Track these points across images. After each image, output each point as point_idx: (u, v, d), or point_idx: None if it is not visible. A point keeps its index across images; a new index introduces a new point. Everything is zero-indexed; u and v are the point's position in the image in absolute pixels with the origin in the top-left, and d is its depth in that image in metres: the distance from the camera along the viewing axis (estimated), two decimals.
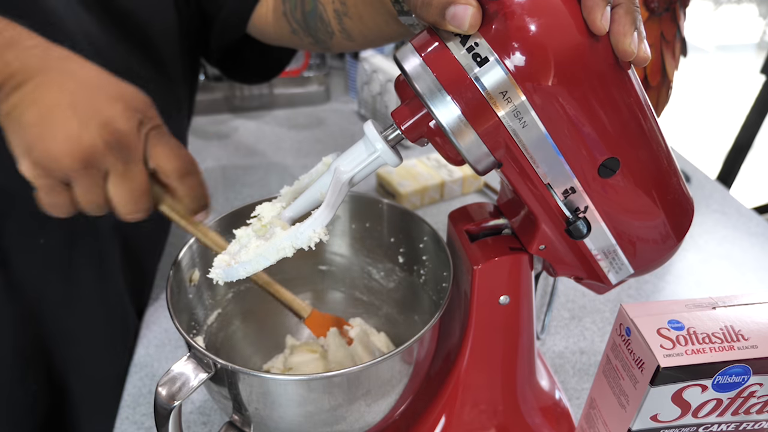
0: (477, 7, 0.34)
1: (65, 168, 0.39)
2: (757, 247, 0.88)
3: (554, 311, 0.76)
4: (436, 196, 0.97)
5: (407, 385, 0.50)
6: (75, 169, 0.40)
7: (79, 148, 0.39)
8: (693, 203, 0.45)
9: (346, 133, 1.19)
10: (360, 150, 0.41)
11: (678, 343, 0.38)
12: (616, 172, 0.40)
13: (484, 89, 0.36)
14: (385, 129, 0.41)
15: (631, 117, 0.39)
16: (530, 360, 0.55)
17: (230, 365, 0.43)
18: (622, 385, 0.42)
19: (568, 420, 0.60)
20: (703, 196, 1.00)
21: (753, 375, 0.38)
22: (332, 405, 0.46)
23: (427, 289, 0.59)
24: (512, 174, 0.41)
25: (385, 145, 0.40)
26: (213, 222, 0.57)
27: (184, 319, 0.53)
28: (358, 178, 0.42)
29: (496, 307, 0.49)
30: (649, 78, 0.63)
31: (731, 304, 0.41)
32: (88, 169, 0.40)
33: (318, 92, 1.30)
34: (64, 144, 0.39)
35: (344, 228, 0.63)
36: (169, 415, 0.43)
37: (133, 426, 0.62)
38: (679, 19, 0.62)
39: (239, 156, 1.11)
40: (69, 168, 0.39)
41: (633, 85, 0.38)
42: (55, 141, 0.39)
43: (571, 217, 0.41)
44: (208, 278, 0.58)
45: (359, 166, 0.41)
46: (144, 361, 0.69)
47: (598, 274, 0.46)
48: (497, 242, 0.49)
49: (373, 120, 0.41)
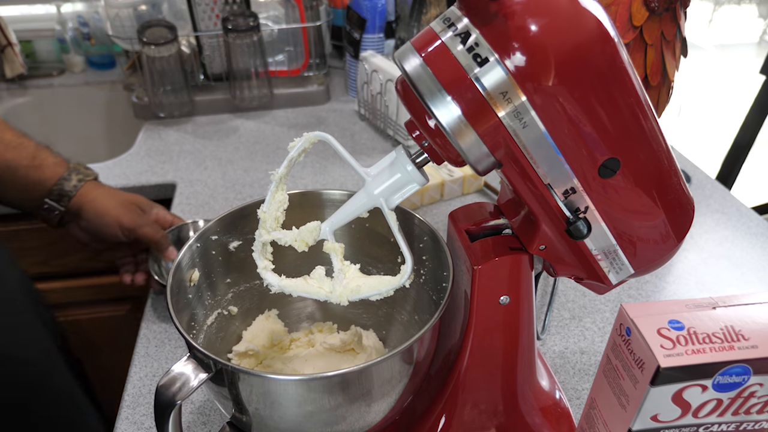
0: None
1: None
2: (757, 247, 0.88)
3: (554, 311, 0.76)
4: (436, 196, 0.97)
5: (407, 385, 0.50)
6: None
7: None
8: (693, 203, 0.45)
9: (345, 133, 1.19)
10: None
11: (678, 343, 0.38)
12: (617, 172, 0.40)
13: (484, 89, 0.36)
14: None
15: (632, 117, 0.39)
16: (530, 360, 0.55)
17: (230, 365, 0.43)
18: (623, 385, 0.42)
19: (568, 420, 0.60)
20: (703, 196, 1.00)
21: (753, 375, 0.38)
22: (332, 405, 0.46)
23: (427, 289, 0.59)
24: (512, 174, 0.40)
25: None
26: (213, 222, 0.57)
27: (184, 319, 0.53)
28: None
29: (497, 307, 0.49)
30: (649, 78, 0.63)
31: (731, 304, 0.41)
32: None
33: (318, 92, 1.30)
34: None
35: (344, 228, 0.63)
36: (169, 415, 0.43)
37: (133, 426, 0.62)
38: (680, 18, 0.62)
39: (239, 156, 1.11)
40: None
41: (633, 85, 0.38)
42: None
43: (572, 218, 0.41)
44: (208, 278, 0.58)
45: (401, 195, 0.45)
46: (144, 361, 0.69)
47: (598, 274, 0.46)
48: (497, 242, 0.49)
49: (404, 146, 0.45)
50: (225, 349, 0.61)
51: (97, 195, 0.74)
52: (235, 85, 1.21)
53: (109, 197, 0.75)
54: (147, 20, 1.14)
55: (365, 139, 1.17)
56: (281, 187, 0.49)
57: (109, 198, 0.75)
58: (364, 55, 1.16)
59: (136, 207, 0.76)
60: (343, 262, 0.49)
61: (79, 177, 0.75)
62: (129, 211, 0.74)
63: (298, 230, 0.48)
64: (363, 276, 0.49)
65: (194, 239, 0.55)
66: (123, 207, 0.74)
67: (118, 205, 0.74)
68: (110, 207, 0.74)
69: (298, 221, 0.49)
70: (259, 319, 0.65)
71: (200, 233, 0.56)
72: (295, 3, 1.20)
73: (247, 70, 1.19)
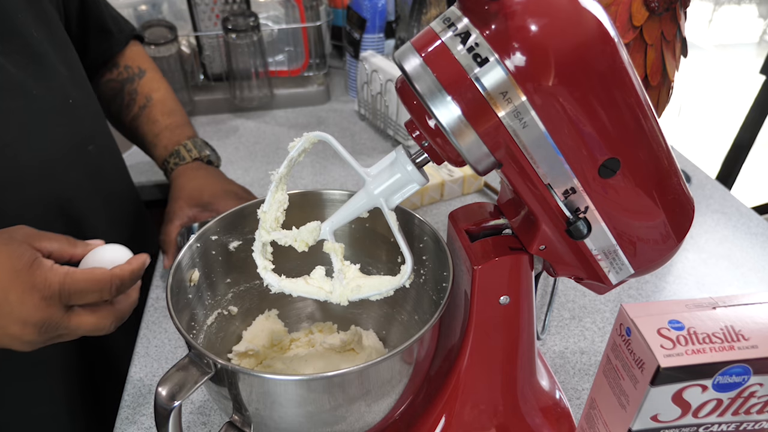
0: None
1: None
2: (757, 247, 0.88)
3: (554, 311, 0.76)
4: (436, 196, 0.97)
5: (407, 385, 0.50)
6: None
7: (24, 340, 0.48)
8: (693, 203, 0.45)
9: (345, 133, 1.19)
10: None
11: (678, 343, 0.38)
12: (617, 172, 0.40)
13: (484, 89, 0.36)
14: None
15: (632, 117, 0.39)
16: (530, 360, 0.55)
17: (230, 365, 0.43)
18: (623, 385, 0.42)
19: (568, 420, 0.60)
20: (703, 196, 1.00)
21: (753, 375, 0.38)
22: (332, 405, 0.46)
23: (427, 289, 0.59)
24: (512, 174, 0.40)
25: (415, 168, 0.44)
26: (213, 222, 0.57)
27: (184, 319, 0.53)
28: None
29: (497, 307, 0.49)
30: (649, 78, 0.63)
31: (731, 304, 0.41)
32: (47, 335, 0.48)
33: (318, 92, 1.30)
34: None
35: (344, 228, 0.63)
36: (169, 415, 0.43)
37: (133, 426, 0.62)
38: (680, 18, 0.62)
39: (239, 156, 1.11)
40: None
41: (633, 85, 0.38)
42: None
43: (572, 218, 0.41)
44: (208, 278, 0.58)
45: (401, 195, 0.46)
46: (144, 361, 0.69)
47: (598, 274, 0.46)
48: (497, 242, 0.49)
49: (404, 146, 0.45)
50: (225, 349, 0.61)
51: (178, 178, 0.81)
52: (235, 85, 1.21)
53: (187, 181, 0.80)
54: (147, 20, 1.14)
55: (365, 139, 1.17)
56: (281, 187, 0.49)
57: (187, 181, 0.80)
58: (364, 55, 1.16)
59: (202, 201, 0.77)
60: (343, 262, 0.49)
61: (176, 161, 0.83)
62: (188, 203, 0.77)
63: (298, 230, 0.48)
64: (363, 276, 0.49)
65: (194, 239, 0.55)
66: (187, 198, 0.78)
67: (186, 194, 0.78)
68: (176, 192, 0.79)
69: (298, 221, 0.49)
70: (259, 319, 0.65)
71: (200, 233, 0.56)
72: (295, 3, 1.20)
73: (247, 70, 1.19)
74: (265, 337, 0.63)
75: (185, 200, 0.77)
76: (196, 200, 0.77)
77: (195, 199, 0.77)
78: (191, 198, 0.78)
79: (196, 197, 0.78)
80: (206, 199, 0.77)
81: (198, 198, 0.78)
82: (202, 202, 0.77)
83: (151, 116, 0.87)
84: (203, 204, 0.77)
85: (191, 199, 0.77)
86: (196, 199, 0.77)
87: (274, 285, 0.49)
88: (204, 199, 0.77)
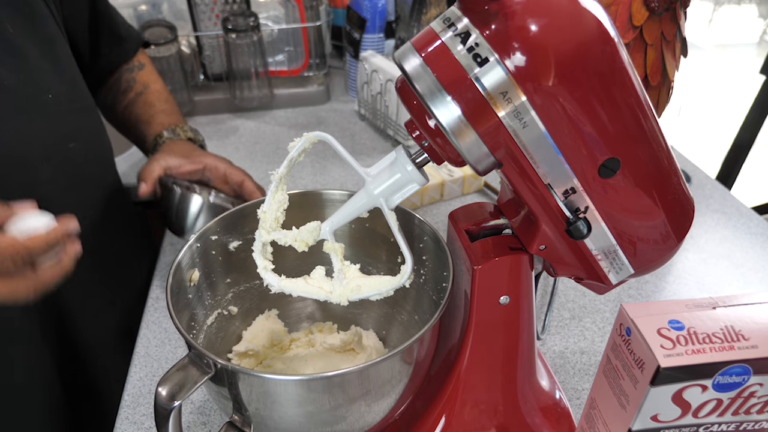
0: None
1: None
2: (757, 247, 0.88)
3: (554, 311, 0.76)
4: (436, 196, 0.97)
5: (407, 385, 0.50)
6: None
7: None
8: (693, 203, 0.45)
9: (345, 132, 1.19)
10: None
11: (678, 343, 0.38)
12: (617, 172, 0.40)
13: (484, 89, 0.36)
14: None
15: (632, 117, 0.39)
16: (530, 360, 0.55)
17: (230, 365, 0.43)
18: (623, 385, 0.42)
19: (568, 420, 0.60)
20: (703, 196, 1.00)
21: (753, 375, 0.38)
22: (332, 405, 0.46)
23: (427, 289, 0.59)
24: (512, 174, 0.40)
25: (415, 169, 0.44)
26: (213, 222, 0.57)
27: (184, 319, 0.53)
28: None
29: (497, 307, 0.49)
30: (649, 78, 0.63)
31: (731, 304, 0.41)
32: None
33: (318, 92, 1.30)
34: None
35: (344, 228, 0.63)
36: (169, 415, 0.43)
37: (133, 426, 0.62)
38: (680, 18, 0.62)
39: (239, 156, 1.11)
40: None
41: (633, 85, 0.38)
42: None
43: (572, 218, 0.41)
44: (208, 278, 0.58)
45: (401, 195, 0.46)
46: (144, 361, 0.69)
47: (598, 274, 0.46)
48: (497, 242, 0.49)
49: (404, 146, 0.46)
50: (225, 349, 0.61)
51: (165, 144, 0.81)
52: (235, 85, 1.21)
53: (175, 144, 0.80)
54: (147, 20, 1.14)
55: (365, 139, 1.17)
56: (281, 187, 0.49)
57: (174, 144, 0.80)
58: (364, 55, 1.16)
59: (187, 156, 0.77)
60: (343, 262, 0.49)
61: (169, 135, 0.83)
62: (171, 155, 0.77)
63: (298, 230, 0.48)
64: (363, 276, 0.49)
65: (194, 239, 0.55)
66: (170, 152, 0.78)
67: (170, 149, 0.78)
68: (162, 148, 0.80)
69: (298, 221, 0.49)
70: (259, 319, 0.65)
71: (200, 233, 0.56)
72: (295, 3, 1.20)
73: (247, 70, 1.19)
74: (265, 337, 0.63)
75: (167, 152, 0.77)
76: (180, 154, 0.77)
77: (179, 153, 0.77)
78: (176, 153, 0.77)
79: (182, 153, 0.77)
80: (193, 156, 0.77)
81: (183, 154, 0.77)
82: (188, 156, 0.77)
83: (148, 101, 0.87)
84: (189, 157, 0.76)
85: (176, 153, 0.77)
86: (180, 153, 0.77)
87: (274, 285, 0.49)
88: (190, 157, 0.77)
